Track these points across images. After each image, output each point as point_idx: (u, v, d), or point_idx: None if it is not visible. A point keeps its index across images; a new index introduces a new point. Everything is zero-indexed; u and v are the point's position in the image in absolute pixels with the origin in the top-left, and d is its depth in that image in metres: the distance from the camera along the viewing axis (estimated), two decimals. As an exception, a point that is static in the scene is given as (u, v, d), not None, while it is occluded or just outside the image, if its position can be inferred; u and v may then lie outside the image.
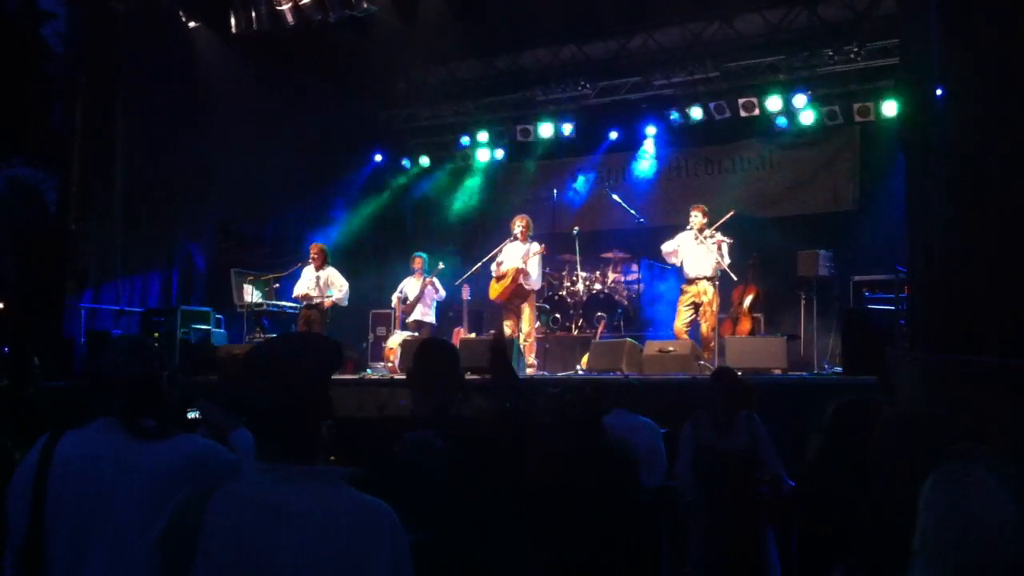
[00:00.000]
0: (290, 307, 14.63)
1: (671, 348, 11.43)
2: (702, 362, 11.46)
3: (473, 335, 13.89)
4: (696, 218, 12.38)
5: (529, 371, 12.15)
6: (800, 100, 15.02)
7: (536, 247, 12.98)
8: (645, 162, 17.13)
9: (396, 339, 13.32)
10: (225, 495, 2.39)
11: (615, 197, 15.22)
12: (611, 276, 14.60)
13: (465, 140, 17.99)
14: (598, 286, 14.32)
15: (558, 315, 14.38)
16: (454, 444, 4.20)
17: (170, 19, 14.75)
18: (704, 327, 12.15)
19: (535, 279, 13.01)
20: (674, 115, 16.12)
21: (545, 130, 17.07)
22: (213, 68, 14.89)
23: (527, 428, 4.61)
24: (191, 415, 4.04)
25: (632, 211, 14.77)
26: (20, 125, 15.48)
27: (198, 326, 14.20)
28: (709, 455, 6.48)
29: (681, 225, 12.70)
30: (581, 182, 17.72)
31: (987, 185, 5.94)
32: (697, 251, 12.25)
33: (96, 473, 3.11)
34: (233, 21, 14.35)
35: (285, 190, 16.24)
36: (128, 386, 3.22)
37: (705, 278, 12.17)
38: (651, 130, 16.69)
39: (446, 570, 3.92)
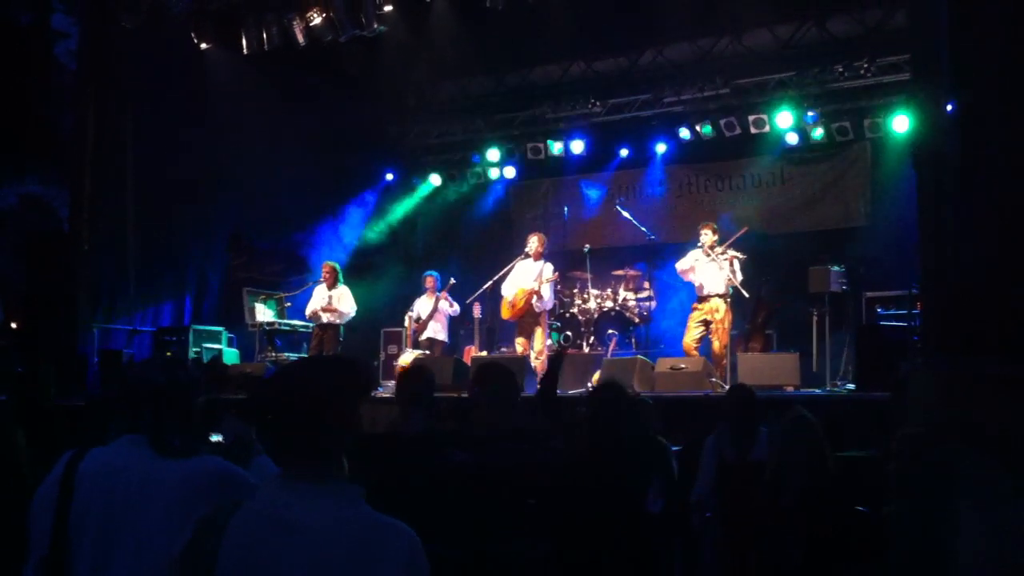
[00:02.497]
0: (302, 326, 14.64)
1: (683, 365, 11.40)
2: (714, 379, 11.43)
3: (485, 353, 13.88)
4: (706, 236, 12.37)
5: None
6: (810, 116, 15.03)
7: (550, 273, 12.93)
8: (656, 179, 17.18)
9: (407, 357, 13.30)
10: (245, 512, 2.40)
11: (625, 214, 15.21)
12: (622, 293, 14.56)
13: (476, 157, 18.05)
14: (609, 303, 14.29)
15: (569, 332, 14.35)
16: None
17: (181, 35, 14.80)
18: (716, 344, 12.13)
19: (547, 301, 13.01)
20: (684, 132, 16.11)
21: (555, 147, 17.09)
22: (224, 85, 14.92)
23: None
24: (214, 439, 4.05)
25: (643, 228, 14.76)
26: (33, 142, 15.55)
27: (210, 345, 14.23)
28: (730, 469, 6.47)
29: (692, 242, 12.69)
30: (592, 199, 17.73)
31: (999, 199, 5.93)
32: (708, 268, 12.24)
33: (121, 488, 3.14)
34: (244, 42, 14.40)
35: (296, 206, 16.27)
36: (158, 403, 3.24)
37: (717, 295, 12.15)
38: (661, 147, 16.72)
39: None
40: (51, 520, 3.14)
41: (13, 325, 16.12)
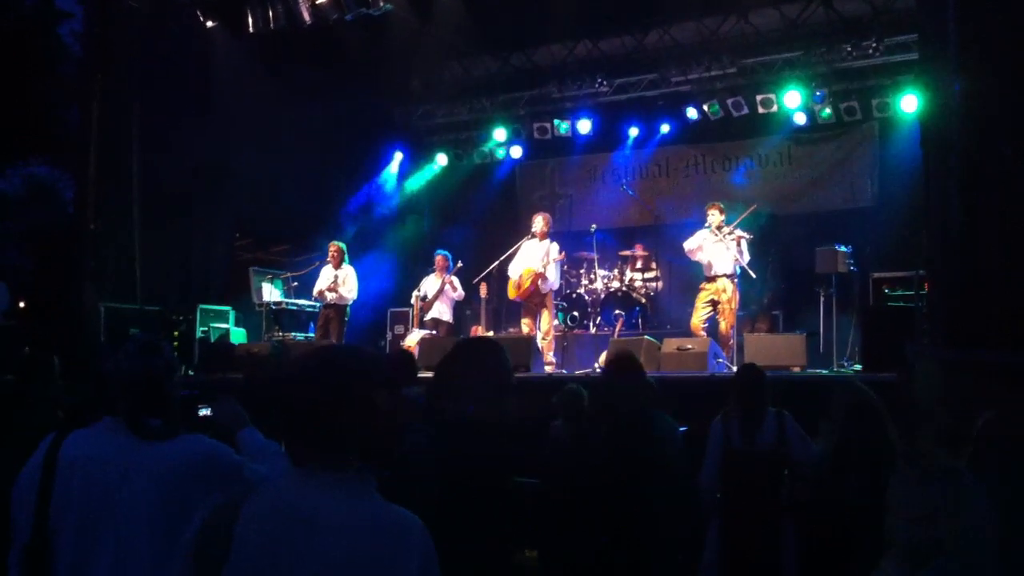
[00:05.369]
0: (309, 306, 14.66)
1: (689, 346, 11.38)
2: (721, 360, 11.43)
3: (491, 333, 13.89)
4: (714, 216, 12.33)
5: (548, 369, 12.15)
6: (817, 96, 14.97)
7: (555, 252, 12.90)
8: (663, 159, 17.14)
9: (414, 337, 13.32)
10: (258, 503, 2.39)
11: (632, 194, 15.16)
12: (629, 274, 14.58)
13: (483, 137, 18.01)
14: (616, 284, 14.30)
15: (576, 313, 14.36)
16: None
17: (185, 17, 14.77)
18: (723, 325, 12.12)
19: (553, 281, 12.98)
20: (691, 111, 16.06)
21: (562, 127, 17.04)
22: (229, 66, 14.88)
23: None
24: (202, 412, 4.05)
25: (649, 208, 14.75)
26: (37, 124, 15.53)
27: (217, 324, 14.26)
28: (736, 454, 6.42)
29: (699, 222, 12.67)
30: (598, 179, 17.71)
31: (1005, 180, 5.91)
32: (716, 248, 12.22)
33: (102, 473, 3.14)
34: (250, 20, 14.36)
35: (302, 187, 16.23)
36: (133, 386, 3.24)
37: (724, 275, 12.14)
38: (667, 127, 16.67)
39: None
40: (32, 507, 3.14)
41: (21, 304, 16.16)
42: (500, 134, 17.72)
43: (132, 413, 3.22)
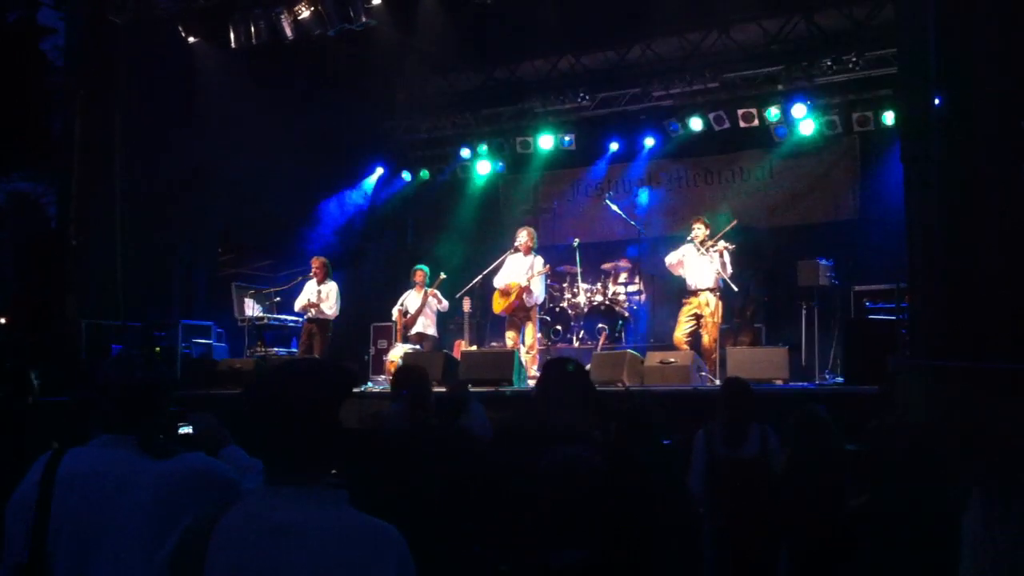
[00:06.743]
0: (292, 321, 14.62)
1: (672, 359, 11.38)
2: (704, 373, 11.44)
3: (475, 347, 13.87)
4: (698, 230, 12.39)
5: (532, 383, 12.13)
6: (799, 110, 15.02)
7: (540, 266, 12.95)
8: (645, 173, 17.18)
9: (397, 352, 13.28)
10: (233, 516, 2.39)
11: (615, 208, 15.20)
12: (612, 287, 14.58)
13: (465, 152, 18.00)
14: (599, 298, 14.30)
15: (559, 327, 14.35)
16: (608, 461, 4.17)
17: (169, 30, 14.74)
18: (706, 338, 12.15)
19: (537, 295, 13.02)
20: (673, 126, 16.11)
21: (544, 141, 17.05)
22: (213, 80, 14.85)
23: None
24: (183, 430, 4.02)
25: (632, 222, 14.76)
26: (20, 139, 15.45)
27: (199, 340, 14.20)
28: (721, 466, 6.45)
29: (682, 236, 12.71)
30: (581, 193, 17.73)
31: (986, 191, 5.94)
32: (699, 262, 12.26)
33: (100, 490, 3.10)
34: (232, 36, 14.33)
35: (286, 201, 16.20)
36: (126, 397, 3.22)
37: (707, 289, 12.18)
38: (650, 141, 16.70)
39: None
40: (29, 525, 3.09)
41: (2, 320, 16.06)
42: (482, 149, 17.73)
43: (145, 430, 3.20)
